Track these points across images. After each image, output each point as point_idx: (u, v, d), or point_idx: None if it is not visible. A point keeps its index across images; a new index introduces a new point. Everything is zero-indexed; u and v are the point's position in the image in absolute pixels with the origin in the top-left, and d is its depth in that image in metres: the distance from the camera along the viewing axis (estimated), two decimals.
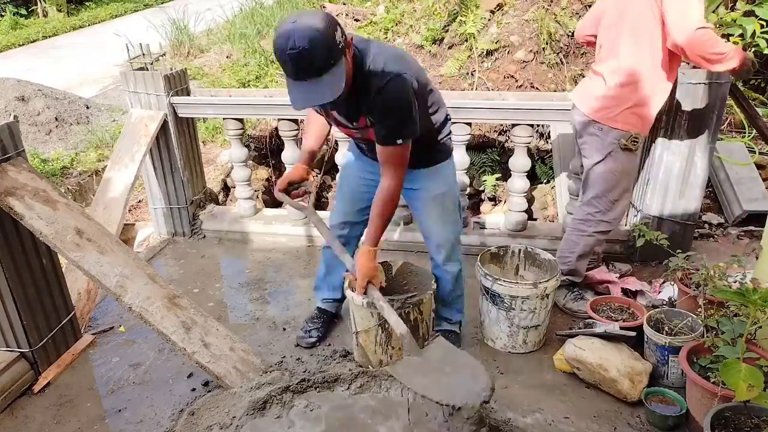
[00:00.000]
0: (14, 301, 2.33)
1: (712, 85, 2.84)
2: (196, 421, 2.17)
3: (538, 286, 2.43)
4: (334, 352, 2.58)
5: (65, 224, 2.30)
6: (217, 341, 2.39)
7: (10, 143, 2.29)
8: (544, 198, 4.06)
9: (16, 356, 2.40)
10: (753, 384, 1.72)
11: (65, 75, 8.15)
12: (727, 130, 4.20)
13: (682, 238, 3.20)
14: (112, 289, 2.28)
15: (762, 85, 4.56)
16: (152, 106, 3.45)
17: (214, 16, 8.53)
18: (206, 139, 5.19)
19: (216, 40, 7.80)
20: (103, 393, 2.44)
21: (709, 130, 2.94)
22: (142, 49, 3.46)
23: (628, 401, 2.26)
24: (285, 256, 3.57)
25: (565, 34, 4.36)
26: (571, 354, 2.37)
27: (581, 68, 4.35)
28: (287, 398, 2.24)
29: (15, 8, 12.32)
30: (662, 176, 3.09)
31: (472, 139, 3.51)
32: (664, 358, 2.30)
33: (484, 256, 2.68)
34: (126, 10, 13.95)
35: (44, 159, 4.94)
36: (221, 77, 6.30)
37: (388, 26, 5.55)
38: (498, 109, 3.19)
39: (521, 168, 3.37)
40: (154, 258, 3.60)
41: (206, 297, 3.17)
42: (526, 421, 2.21)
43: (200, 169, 3.86)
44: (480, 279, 2.55)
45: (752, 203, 3.54)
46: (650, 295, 2.90)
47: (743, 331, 1.91)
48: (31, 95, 5.73)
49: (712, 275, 2.24)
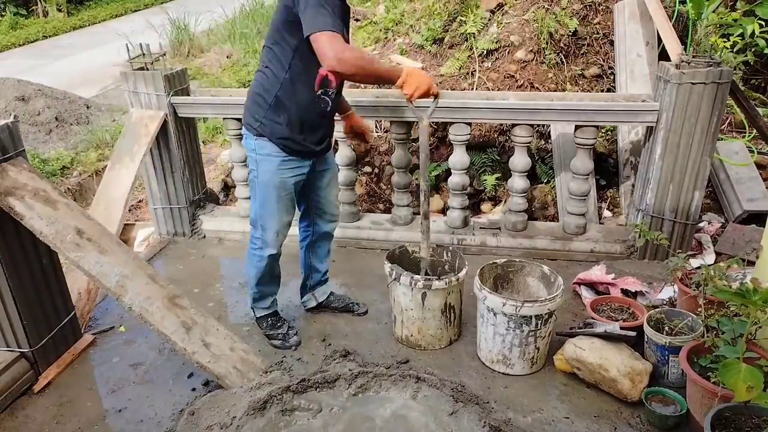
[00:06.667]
0: (14, 301, 2.33)
1: (711, 86, 2.84)
2: (196, 421, 2.17)
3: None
4: (334, 352, 2.58)
5: (65, 224, 2.30)
6: (218, 341, 2.39)
7: (10, 143, 2.29)
8: (544, 198, 4.05)
9: (16, 356, 2.40)
10: (752, 384, 1.72)
11: (65, 75, 8.16)
12: (727, 130, 4.19)
13: (682, 238, 3.20)
14: (113, 289, 2.28)
15: (762, 85, 4.56)
16: (152, 106, 3.45)
17: (214, 16, 8.53)
18: (206, 139, 5.19)
19: (216, 40, 7.82)
20: (103, 393, 2.44)
21: (709, 130, 2.94)
22: (142, 49, 3.45)
23: (629, 401, 2.26)
24: (284, 257, 3.55)
25: (565, 34, 4.36)
26: (571, 354, 2.37)
27: (581, 68, 4.35)
28: (287, 398, 2.24)
29: (15, 8, 12.32)
30: (662, 176, 3.09)
31: (472, 139, 3.51)
32: (665, 358, 2.30)
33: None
34: (126, 10, 13.96)
35: (44, 159, 4.95)
36: (221, 77, 6.31)
37: (388, 26, 5.54)
38: (498, 109, 3.19)
39: (521, 168, 3.37)
40: (155, 258, 3.60)
41: (206, 297, 3.17)
42: (526, 421, 2.21)
43: (200, 169, 3.86)
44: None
45: (752, 203, 3.54)
46: (650, 295, 2.90)
47: (743, 331, 1.91)
48: (32, 95, 5.74)
49: (712, 275, 2.24)
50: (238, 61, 6.70)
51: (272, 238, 2.49)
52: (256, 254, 2.56)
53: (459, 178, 3.44)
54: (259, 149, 2.35)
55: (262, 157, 2.35)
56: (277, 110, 2.29)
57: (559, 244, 3.42)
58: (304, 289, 2.93)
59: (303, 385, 2.29)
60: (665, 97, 2.96)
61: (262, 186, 2.40)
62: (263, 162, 2.36)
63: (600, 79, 4.35)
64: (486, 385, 2.42)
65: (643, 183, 3.26)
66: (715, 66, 2.85)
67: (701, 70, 2.84)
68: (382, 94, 3.29)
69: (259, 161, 2.36)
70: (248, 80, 6.07)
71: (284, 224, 2.51)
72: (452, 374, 2.46)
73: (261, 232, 2.49)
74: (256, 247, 2.54)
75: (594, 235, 3.45)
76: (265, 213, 2.44)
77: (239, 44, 7.02)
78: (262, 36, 7.11)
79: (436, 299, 2.53)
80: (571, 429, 2.17)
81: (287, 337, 2.70)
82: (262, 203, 2.43)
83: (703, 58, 2.90)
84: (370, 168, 4.61)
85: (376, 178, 4.59)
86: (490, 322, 2.43)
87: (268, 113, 2.29)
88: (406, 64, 4.90)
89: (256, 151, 2.35)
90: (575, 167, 3.30)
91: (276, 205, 2.43)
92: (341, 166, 3.59)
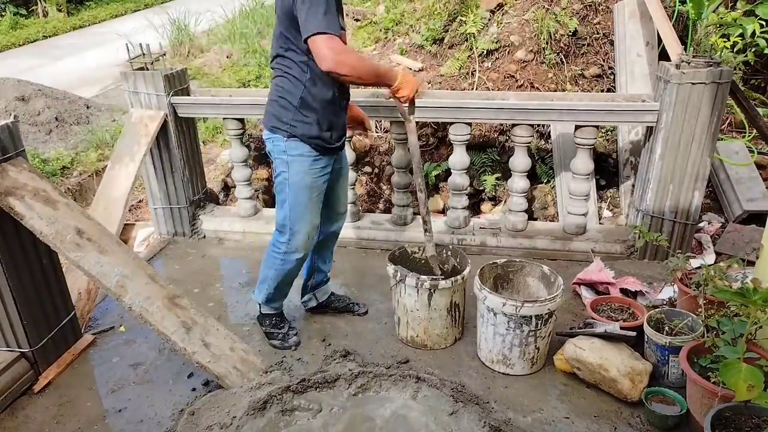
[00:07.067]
0: (14, 301, 2.33)
1: (711, 86, 2.84)
2: (196, 421, 2.17)
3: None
4: (334, 352, 2.58)
5: (65, 224, 2.30)
6: (218, 341, 2.39)
7: (10, 143, 2.29)
8: (544, 198, 4.06)
9: (16, 356, 2.40)
10: (753, 384, 1.72)
11: (65, 75, 8.16)
12: (727, 130, 4.19)
13: (682, 238, 3.20)
14: (113, 289, 2.28)
15: (762, 85, 4.56)
16: (152, 106, 3.45)
17: (214, 16, 8.53)
18: (206, 139, 5.19)
19: (216, 40, 7.81)
20: (103, 393, 2.44)
21: (709, 130, 2.94)
22: (142, 49, 3.45)
23: (629, 401, 2.26)
24: None
25: (565, 34, 4.36)
26: (571, 354, 2.37)
27: (581, 68, 4.35)
28: (287, 398, 2.24)
29: (15, 8, 12.32)
30: (662, 176, 3.09)
31: (472, 139, 3.51)
32: (665, 358, 2.30)
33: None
34: (126, 10, 13.95)
35: (44, 159, 4.95)
36: (221, 77, 6.31)
37: (388, 26, 5.55)
38: (498, 109, 3.19)
39: (521, 168, 3.37)
40: (155, 258, 3.60)
41: (206, 297, 3.17)
42: (526, 421, 2.21)
43: (200, 169, 3.86)
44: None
45: (752, 203, 3.54)
46: (650, 295, 2.90)
47: (743, 331, 1.91)
48: (32, 95, 5.74)
49: (712, 275, 2.24)
50: (238, 61, 6.69)
51: (302, 241, 2.47)
52: (279, 258, 2.52)
53: (459, 178, 3.44)
54: (291, 150, 2.33)
55: (293, 158, 2.33)
56: (304, 110, 2.29)
57: (559, 244, 3.42)
58: (305, 290, 2.92)
59: (303, 385, 2.29)
60: (665, 97, 2.96)
61: (293, 188, 2.37)
62: (294, 163, 2.34)
63: (600, 79, 4.36)
64: (486, 385, 2.42)
65: (643, 183, 3.26)
66: (715, 66, 2.85)
67: (701, 70, 2.84)
68: (381, 93, 3.29)
69: (290, 162, 2.34)
70: (248, 80, 6.07)
71: (314, 227, 2.49)
72: (452, 374, 2.46)
73: (289, 236, 2.46)
74: (281, 251, 2.51)
75: (594, 235, 3.45)
76: (296, 216, 2.42)
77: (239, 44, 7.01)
78: (263, 36, 7.11)
79: (442, 299, 2.54)
80: (571, 429, 2.17)
81: (287, 338, 2.70)
82: (293, 206, 2.40)
83: (703, 58, 2.90)
84: (370, 168, 4.61)
85: (376, 178, 4.59)
86: (490, 322, 2.43)
87: (297, 114, 2.29)
88: (405, 64, 4.90)
89: (287, 152, 2.33)
90: (575, 167, 3.30)
91: (307, 206, 2.41)
92: None
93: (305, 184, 2.37)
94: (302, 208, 2.40)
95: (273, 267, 2.57)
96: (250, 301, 3.12)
